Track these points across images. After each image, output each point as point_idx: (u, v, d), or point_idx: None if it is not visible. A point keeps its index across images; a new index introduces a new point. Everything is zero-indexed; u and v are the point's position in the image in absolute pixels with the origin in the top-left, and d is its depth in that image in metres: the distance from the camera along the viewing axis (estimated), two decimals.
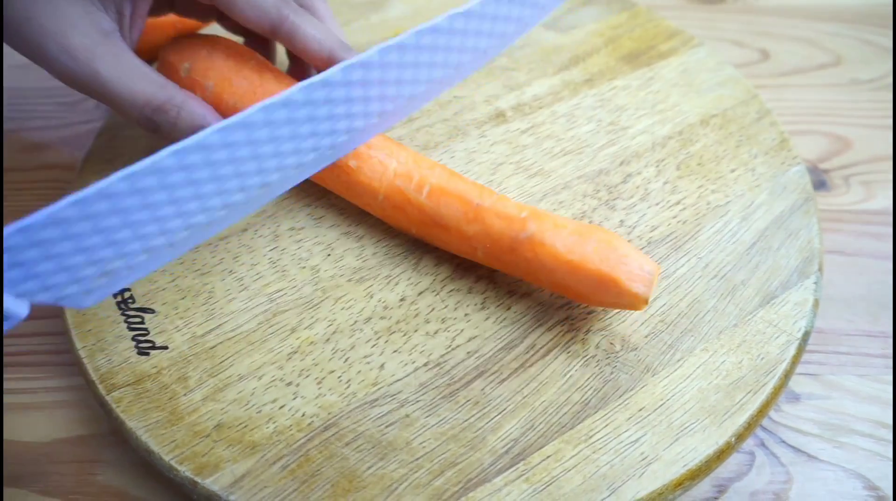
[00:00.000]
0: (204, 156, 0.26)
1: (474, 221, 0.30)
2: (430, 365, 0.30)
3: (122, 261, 0.26)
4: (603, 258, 0.28)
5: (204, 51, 0.34)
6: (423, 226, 0.32)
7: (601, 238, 0.29)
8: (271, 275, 0.33)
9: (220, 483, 0.27)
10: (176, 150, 0.25)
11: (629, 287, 0.28)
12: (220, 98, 0.33)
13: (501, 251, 0.30)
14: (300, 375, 0.30)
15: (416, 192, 0.31)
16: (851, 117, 0.44)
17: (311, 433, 0.28)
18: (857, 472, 0.30)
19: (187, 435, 0.28)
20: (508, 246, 0.30)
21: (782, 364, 0.30)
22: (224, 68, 0.34)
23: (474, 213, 0.30)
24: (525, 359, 0.30)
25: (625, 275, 0.28)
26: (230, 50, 0.34)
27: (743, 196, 0.36)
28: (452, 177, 0.32)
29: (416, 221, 0.32)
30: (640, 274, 0.28)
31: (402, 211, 0.32)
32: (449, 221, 0.31)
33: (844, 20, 0.51)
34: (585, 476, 0.27)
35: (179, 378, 0.30)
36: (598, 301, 0.29)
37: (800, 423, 0.31)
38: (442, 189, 0.31)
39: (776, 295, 0.32)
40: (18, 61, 0.49)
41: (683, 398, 0.29)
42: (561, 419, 0.28)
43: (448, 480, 0.27)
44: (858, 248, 0.38)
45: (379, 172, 0.32)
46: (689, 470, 0.27)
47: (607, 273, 0.28)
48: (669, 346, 0.30)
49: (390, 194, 0.32)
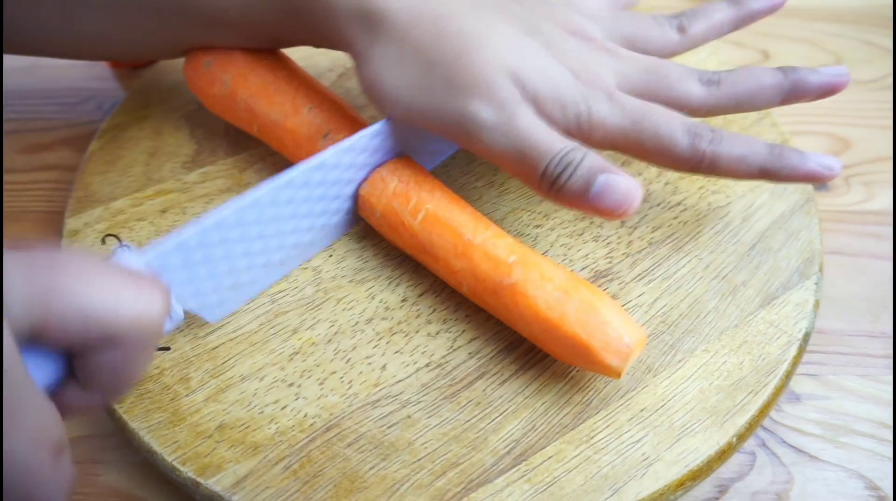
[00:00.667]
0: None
1: (462, 256, 0.29)
2: (432, 366, 0.30)
3: (248, 274, 0.31)
4: (582, 322, 0.27)
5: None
6: (414, 250, 0.31)
7: (585, 299, 0.28)
8: None
9: (223, 483, 0.27)
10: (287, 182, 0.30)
11: (602, 358, 0.27)
12: (234, 93, 0.35)
13: (485, 292, 0.29)
14: (302, 376, 0.30)
15: (410, 216, 0.31)
16: (852, 118, 0.44)
17: (313, 434, 0.28)
18: (858, 472, 0.30)
19: (189, 436, 0.28)
20: (492, 289, 0.29)
21: (783, 365, 0.30)
22: (242, 64, 0.35)
23: (463, 248, 0.29)
24: (526, 360, 0.30)
25: (600, 344, 0.27)
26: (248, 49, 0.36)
27: (744, 197, 0.36)
28: (451, 204, 0.31)
29: (408, 244, 0.31)
30: (617, 346, 0.27)
31: (396, 232, 0.31)
32: (438, 251, 0.30)
33: (845, 21, 0.51)
34: (587, 477, 0.27)
35: (181, 379, 0.30)
36: (572, 362, 0.28)
37: (801, 423, 0.31)
38: (436, 217, 0.30)
39: (777, 296, 0.32)
40: (19, 63, 0.49)
41: (685, 398, 0.29)
42: (562, 419, 0.28)
43: (450, 481, 0.27)
44: (859, 248, 0.38)
45: (379, 189, 0.32)
46: (691, 471, 0.27)
47: (583, 340, 0.27)
48: (671, 347, 0.30)
49: (387, 214, 0.31)
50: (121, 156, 0.39)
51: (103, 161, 0.38)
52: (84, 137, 0.44)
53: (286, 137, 0.34)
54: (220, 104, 0.36)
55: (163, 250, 0.27)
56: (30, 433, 0.19)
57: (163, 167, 0.38)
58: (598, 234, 0.34)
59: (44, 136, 0.44)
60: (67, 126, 0.45)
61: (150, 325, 0.22)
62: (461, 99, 0.28)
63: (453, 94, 0.28)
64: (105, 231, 0.35)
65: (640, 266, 0.33)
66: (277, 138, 0.35)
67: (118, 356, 0.22)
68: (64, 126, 0.45)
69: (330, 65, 0.44)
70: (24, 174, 0.42)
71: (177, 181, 0.37)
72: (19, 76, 0.48)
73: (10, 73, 0.48)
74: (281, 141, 0.35)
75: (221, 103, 0.36)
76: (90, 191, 0.37)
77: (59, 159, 0.43)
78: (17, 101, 0.46)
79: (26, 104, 0.46)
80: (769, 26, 0.51)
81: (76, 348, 0.21)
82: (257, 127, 0.35)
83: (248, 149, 0.39)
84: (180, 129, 0.40)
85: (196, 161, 0.38)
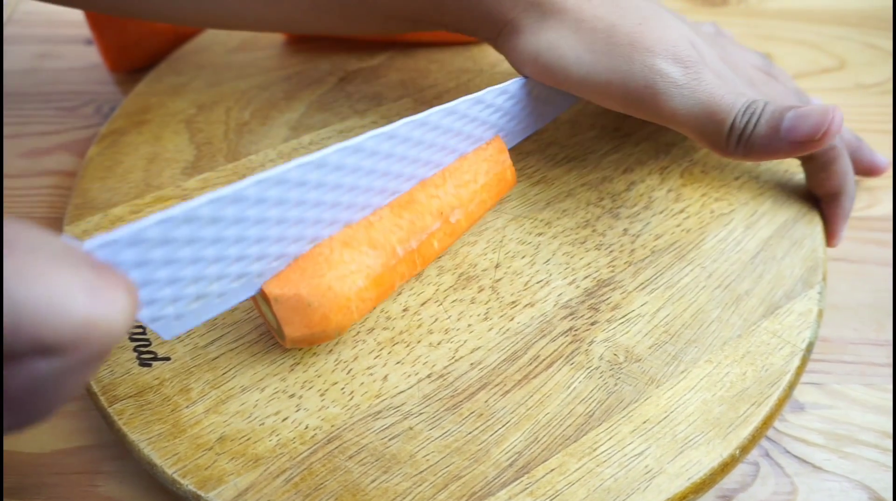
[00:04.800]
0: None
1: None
2: (434, 377, 0.30)
3: (218, 285, 0.25)
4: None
5: None
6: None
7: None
8: None
9: (224, 496, 0.27)
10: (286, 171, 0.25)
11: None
12: None
13: None
14: (303, 387, 0.29)
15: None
16: (854, 122, 0.44)
17: (314, 446, 0.28)
18: (862, 483, 0.30)
19: (190, 448, 0.28)
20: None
21: (787, 375, 0.29)
22: None
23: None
24: (528, 371, 0.30)
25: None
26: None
27: (747, 205, 0.35)
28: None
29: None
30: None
31: None
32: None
33: (848, 24, 0.51)
34: (589, 490, 0.27)
35: (181, 390, 0.29)
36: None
37: (804, 433, 0.31)
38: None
39: (780, 305, 0.32)
40: (18, 66, 0.48)
41: (687, 410, 0.29)
42: (565, 431, 0.28)
43: (452, 494, 0.27)
44: (862, 255, 0.37)
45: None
46: (694, 484, 0.27)
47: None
48: (673, 357, 0.30)
49: None
50: (120, 161, 0.38)
51: (102, 167, 0.38)
52: (83, 141, 0.44)
53: None
54: None
55: (111, 239, 0.21)
56: None
57: (162, 173, 0.38)
58: (600, 242, 0.34)
59: (43, 140, 0.44)
60: (66, 130, 0.44)
61: (105, 335, 0.17)
62: (649, 57, 0.29)
63: (640, 53, 0.29)
64: None
65: (643, 275, 0.33)
66: None
67: (51, 369, 0.16)
68: (63, 130, 0.44)
69: (330, 69, 0.44)
70: (24, 180, 0.42)
71: (176, 188, 0.37)
72: (18, 80, 0.47)
73: (9, 76, 0.48)
74: None
75: None
76: (89, 198, 0.37)
77: (59, 164, 0.42)
78: (16, 105, 0.46)
79: (25, 108, 0.46)
80: (772, 29, 0.51)
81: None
82: None
83: (248, 154, 0.38)
84: (180, 134, 0.40)
85: (196, 167, 0.38)
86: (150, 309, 0.24)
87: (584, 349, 0.30)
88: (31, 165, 0.42)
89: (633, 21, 0.30)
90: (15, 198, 0.41)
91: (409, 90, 0.42)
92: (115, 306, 0.17)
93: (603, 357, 0.30)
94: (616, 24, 0.30)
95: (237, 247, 0.25)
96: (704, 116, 0.29)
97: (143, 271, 0.22)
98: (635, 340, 0.31)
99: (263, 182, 0.24)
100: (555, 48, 0.30)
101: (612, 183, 0.36)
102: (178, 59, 0.45)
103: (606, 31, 0.30)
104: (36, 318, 0.15)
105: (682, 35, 0.30)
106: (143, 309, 0.23)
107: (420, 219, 0.30)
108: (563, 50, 0.30)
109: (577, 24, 0.30)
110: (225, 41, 0.46)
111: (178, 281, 0.24)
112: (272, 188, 0.25)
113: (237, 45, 0.46)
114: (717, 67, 0.31)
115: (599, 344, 0.30)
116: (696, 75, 0.29)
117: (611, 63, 0.30)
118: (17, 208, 0.40)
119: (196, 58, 0.45)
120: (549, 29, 0.30)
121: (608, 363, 0.30)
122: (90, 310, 0.16)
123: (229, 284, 0.26)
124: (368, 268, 0.28)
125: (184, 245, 0.23)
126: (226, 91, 0.42)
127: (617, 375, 0.30)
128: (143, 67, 0.47)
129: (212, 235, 0.24)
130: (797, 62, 0.48)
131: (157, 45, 0.46)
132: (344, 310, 0.28)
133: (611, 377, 0.29)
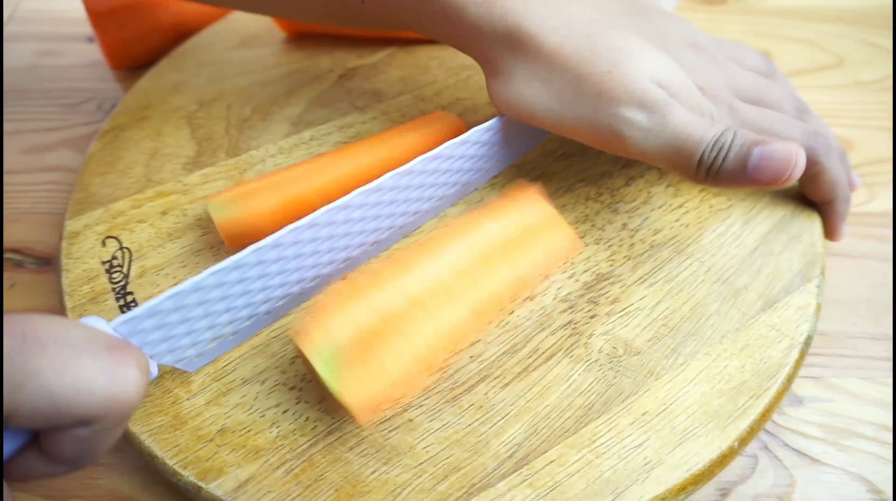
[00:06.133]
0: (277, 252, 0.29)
1: None
2: (433, 369, 0.30)
3: (231, 327, 0.29)
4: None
5: None
6: None
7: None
8: None
9: (224, 487, 0.27)
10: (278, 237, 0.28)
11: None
12: None
13: None
14: (303, 379, 0.30)
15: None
16: (853, 119, 0.44)
17: (314, 438, 0.28)
18: (860, 475, 0.30)
19: (191, 440, 0.28)
20: None
21: (785, 368, 0.30)
22: None
23: None
24: (528, 363, 0.30)
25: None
26: None
27: (745, 200, 0.36)
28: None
29: None
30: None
31: None
32: None
33: (847, 21, 0.51)
34: (589, 481, 0.27)
35: (182, 382, 0.30)
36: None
37: (803, 426, 0.31)
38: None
39: (779, 299, 0.32)
40: (20, 63, 0.49)
41: (686, 402, 0.29)
42: (564, 423, 0.28)
43: (451, 485, 0.27)
44: (861, 250, 0.38)
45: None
46: (693, 475, 0.27)
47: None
48: (672, 350, 0.30)
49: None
50: (121, 157, 0.39)
51: (103, 162, 0.38)
52: (84, 137, 0.44)
53: None
54: None
55: (132, 316, 0.25)
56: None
57: (163, 168, 0.38)
58: (599, 237, 0.34)
59: (44, 136, 0.44)
60: (68, 127, 0.45)
61: (124, 405, 0.21)
62: (615, 107, 0.30)
63: (606, 103, 0.30)
64: (105, 233, 0.35)
65: (642, 269, 0.33)
66: None
67: (88, 433, 0.21)
68: (64, 127, 0.45)
69: (331, 66, 0.44)
70: (25, 175, 0.42)
71: (177, 183, 0.37)
72: (20, 77, 0.48)
73: (10, 73, 0.48)
74: None
75: None
76: (90, 192, 0.37)
77: (60, 160, 0.43)
78: (17, 101, 0.46)
79: (27, 105, 0.46)
80: (771, 26, 0.51)
81: (44, 429, 0.21)
82: None
83: (248, 150, 0.39)
84: (181, 129, 0.40)
85: (197, 162, 0.38)
86: (173, 354, 0.28)
87: (584, 342, 0.30)
88: (32, 162, 0.42)
89: (602, 69, 0.30)
90: (16, 194, 0.41)
91: (409, 87, 0.42)
92: (129, 382, 0.22)
93: (602, 350, 0.30)
94: (584, 75, 0.30)
95: (243, 298, 0.29)
96: (672, 152, 0.30)
97: (163, 331, 0.26)
98: (634, 333, 0.31)
99: (259, 250, 0.28)
100: (525, 98, 0.31)
101: (611, 178, 0.37)
102: (179, 56, 0.45)
103: (575, 82, 0.30)
104: (70, 401, 0.20)
105: (654, 73, 0.30)
106: (167, 356, 0.27)
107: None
108: (534, 99, 0.31)
109: (549, 71, 0.31)
110: (226, 38, 0.46)
111: (195, 331, 0.28)
112: (269, 252, 0.28)
113: (238, 42, 0.46)
114: (690, 98, 0.31)
115: (599, 337, 0.31)
116: (663, 118, 0.29)
117: (578, 112, 0.30)
118: (18, 204, 0.40)
119: (197, 55, 0.45)
120: (520, 78, 0.31)
121: (607, 355, 0.30)
122: (109, 389, 0.21)
123: (241, 325, 0.30)
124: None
125: (195, 307, 0.27)
126: (226, 87, 0.43)
127: (616, 367, 0.30)
128: (144, 64, 0.47)
129: (218, 295, 0.28)
130: (796, 60, 0.48)
131: (157, 42, 0.46)
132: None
133: (610, 370, 0.30)
